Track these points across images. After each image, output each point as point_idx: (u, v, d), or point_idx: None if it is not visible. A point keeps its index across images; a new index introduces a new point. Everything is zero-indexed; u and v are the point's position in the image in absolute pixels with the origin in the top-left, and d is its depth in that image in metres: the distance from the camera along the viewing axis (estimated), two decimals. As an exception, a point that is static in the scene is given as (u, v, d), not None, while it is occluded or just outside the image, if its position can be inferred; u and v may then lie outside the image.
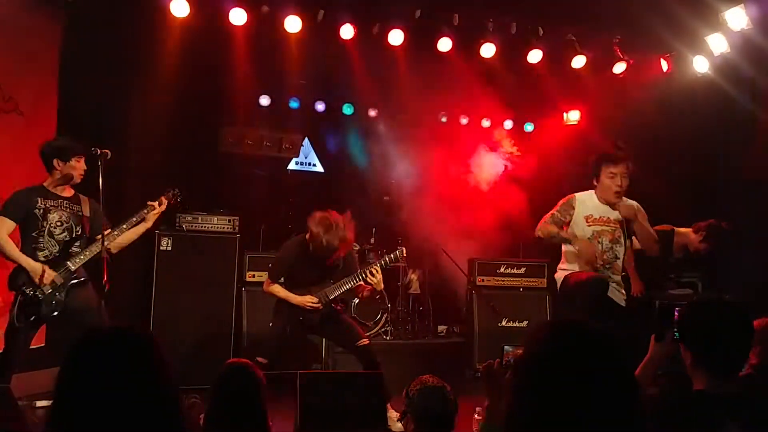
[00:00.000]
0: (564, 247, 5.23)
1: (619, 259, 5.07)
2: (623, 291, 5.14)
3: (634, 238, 5.35)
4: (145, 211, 4.95)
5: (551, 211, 5.23)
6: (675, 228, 6.31)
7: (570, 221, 5.15)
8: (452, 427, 2.99)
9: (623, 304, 5.08)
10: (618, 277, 5.10)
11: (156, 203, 5.02)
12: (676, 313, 2.55)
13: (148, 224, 5.01)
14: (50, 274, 4.60)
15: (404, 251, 5.59)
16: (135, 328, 1.67)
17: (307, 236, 5.11)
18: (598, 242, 5.03)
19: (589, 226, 5.08)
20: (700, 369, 2.33)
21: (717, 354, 2.30)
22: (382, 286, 5.34)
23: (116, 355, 1.59)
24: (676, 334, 2.51)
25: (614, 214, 5.08)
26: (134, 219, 4.90)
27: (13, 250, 4.60)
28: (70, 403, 1.56)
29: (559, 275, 5.27)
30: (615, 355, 1.56)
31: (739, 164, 7.36)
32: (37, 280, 4.56)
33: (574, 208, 5.15)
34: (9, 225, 4.63)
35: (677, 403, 2.24)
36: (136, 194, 6.75)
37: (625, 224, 5.09)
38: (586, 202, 5.15)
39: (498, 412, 2.74)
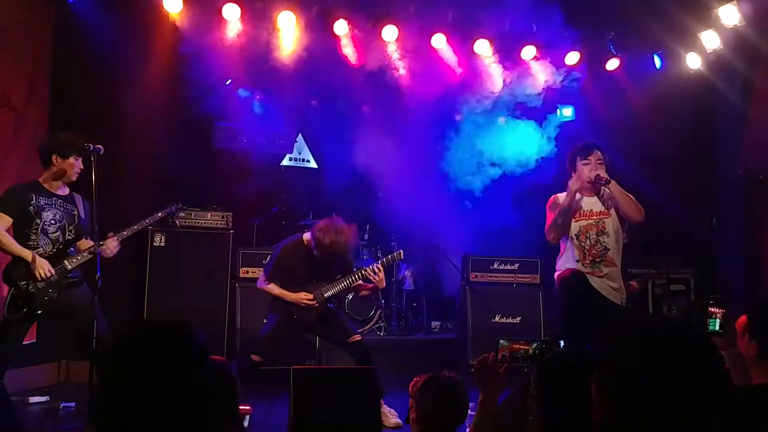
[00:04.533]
0: (561, 247, 5.20)
1: (609, 250, 5.00)
2: (620, 287, 5.02)
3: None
4: (95, 248, 4.81)
5: (548, 219, 5.20)
6: None
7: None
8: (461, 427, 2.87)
9: (620, 302, 4.98)
10: (612, 270, 4.99)
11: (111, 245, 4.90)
12: None
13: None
14: (47, 268, 4.59)
15: (401, 254, 5.61)
16: (179, 321, 1.73)
17: (311, 241, 5.11)
18: (586, 237, 5.02)
19: (576, 221, 5.07)
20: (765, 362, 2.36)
21: None
22: (384, 284, 5.36)
23: (164, 347, 1.64)
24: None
25: (596, 206, 5.07)
26: (85, 253, 4.81)
27: (12, 244, 4.58)
28: (115, 395, 1.60)
29: (556, 277, 5.25)
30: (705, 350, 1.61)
31: (732, 161, 7.40)
32: (37, 273, 4.55)
33: (559, 206, 5.14)
34: (6, 220, 4.61)
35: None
36: (128, 190, 6.75)
37: (611, 212, 5.02)
38: None
39: (492, 406, 2.74)
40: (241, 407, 3.31)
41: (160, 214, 5.25)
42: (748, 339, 2.44)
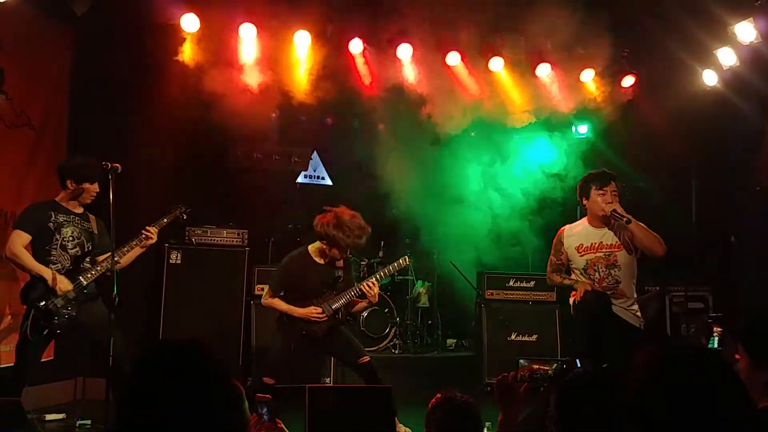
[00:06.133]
0: (571, 267, 5.17)
1: (620, 283, 4.88)
2: (637, 312, 4.94)
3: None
4: (143, 237, 4.96)
5: (551, 255, 5.19)
6: None
7: (565, 258, 5.09)
8: None
9: (638, 325, 4.91)
10: (623, 301, 4.90)
11: (153, 230, 5.01)
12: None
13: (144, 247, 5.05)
14: (65, 282, 4.63)
15: (407, 259, 5.47)
16: (197, 340, 1.73)
17: (326, 247, 5.06)
18: (594, 270, 4.91)
19: (582, 256, 4.97)
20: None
21: None
22: (377, 299, 5.24)
23: (186, 366, 1.64)
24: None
25: (607, 238, 4.92)
26: (134, 242, 4.93)
27: (30, 260, 4.64)
28: (138, 412, 1.60)
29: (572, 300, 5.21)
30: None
31: (749, 177, 7.35)
32: (59, 289, 4.60)
33: (563, 244, 5.08)
34: (24, 238, 4.68)
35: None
36: (145, 208, 6.78)
37: (623, 244, 4.89)
38: (575, 233, 5.07)
39: (511, 426, 2.71)
40: (260, 395, 3.28)
41: (165, 219, 5.22)
42: (741, 350, 2.42)
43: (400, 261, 5.42)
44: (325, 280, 5.19)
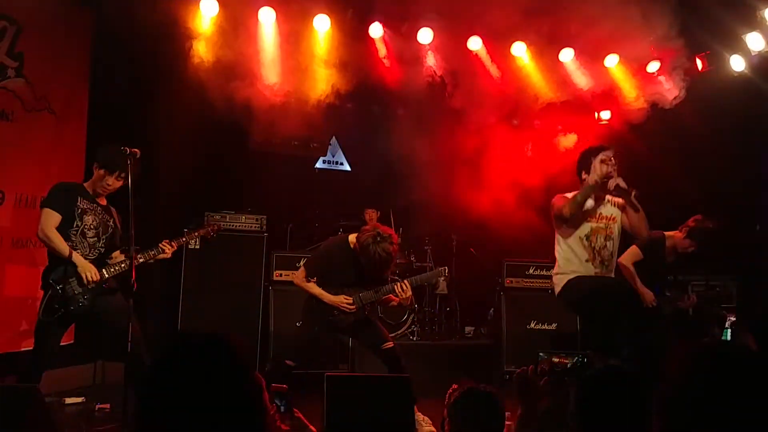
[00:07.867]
0: (557, 252, 5.23)
1: (614, 257, 5.13)
2: None
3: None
4: (159, 251, 4.95)
5: (560, 202, 5.18)
6: (664, 233, 6.05)
7: None
8: None
9: None
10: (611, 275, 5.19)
11: (168, 248, 5.00)
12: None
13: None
14: (94, 272, 4.64)
15: (446, 270, 5.51)
16: (220, 333, 1.71)
17: (356, 244, 5.01)
18: (596, 239, 5.08)
19: (587, 222, 5.13)
20: None
21: None
22: (409, 303, 5.25)
23: (208, 358, 1.63)
24: None
25: (606, 210, 5.12)
26: (151, 252, 4.92)
27: (62, 245, 4.61)
28: (160, 403, 1.59)
29: (558, 279, 5.23)
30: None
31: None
32: (85, 277, 4.60)
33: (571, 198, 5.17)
34: (56, 218, 4.63)
35: None
36: (164, 194, 6.81)
37: (618, 217, 5.13)
38: None
39: (531, 420, 2.67)
40: (276, 385, 3.27)
41: (183, 239, 5.36)
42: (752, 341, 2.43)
43: (440, 270, 5.51)
44: (360, 273, 5.13)
